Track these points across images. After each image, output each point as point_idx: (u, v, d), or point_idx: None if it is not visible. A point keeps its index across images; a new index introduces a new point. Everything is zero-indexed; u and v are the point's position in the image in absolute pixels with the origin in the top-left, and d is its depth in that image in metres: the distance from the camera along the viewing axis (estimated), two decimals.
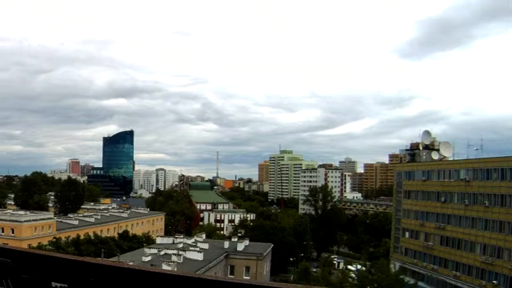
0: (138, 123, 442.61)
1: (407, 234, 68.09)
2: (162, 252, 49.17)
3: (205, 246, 55.07)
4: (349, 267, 69.55)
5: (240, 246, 57.19)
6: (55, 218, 75.57)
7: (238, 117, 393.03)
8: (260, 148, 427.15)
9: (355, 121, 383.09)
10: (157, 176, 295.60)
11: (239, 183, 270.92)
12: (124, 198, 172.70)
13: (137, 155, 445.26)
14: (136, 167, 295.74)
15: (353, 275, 58.92)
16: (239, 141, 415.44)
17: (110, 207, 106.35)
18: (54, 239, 61.21)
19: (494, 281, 50.05)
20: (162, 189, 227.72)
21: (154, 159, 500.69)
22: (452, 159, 66.18)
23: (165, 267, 38.46)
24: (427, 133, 72.10)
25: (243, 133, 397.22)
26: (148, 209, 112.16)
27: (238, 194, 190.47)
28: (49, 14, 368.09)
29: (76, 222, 75.36)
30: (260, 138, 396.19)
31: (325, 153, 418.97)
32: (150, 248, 53.60)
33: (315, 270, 69.74)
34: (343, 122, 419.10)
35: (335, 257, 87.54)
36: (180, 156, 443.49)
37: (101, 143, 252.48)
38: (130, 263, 26.72)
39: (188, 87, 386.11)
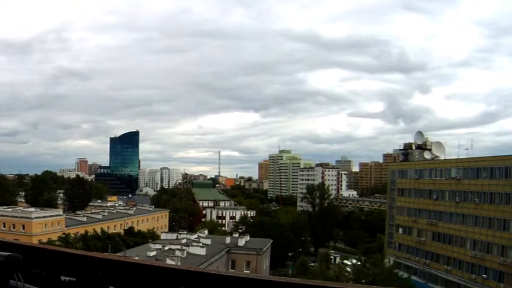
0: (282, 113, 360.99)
1: (400, 230, 68.09)
2: (166, 248, 49.22)
3: (208, 241, 55.06)
4: (345, 261, 69.43)
5: (241, 242, 57.21)
6: (64, 214, 75.66)
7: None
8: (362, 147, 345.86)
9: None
10: (161, 174, 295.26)
11: (240, 181, 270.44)
12: (130, 195, 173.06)
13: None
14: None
15: (349, 269, 58.84)
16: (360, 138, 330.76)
17: (117, 205, 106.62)
18: (63, 235, 61.23)
19: (484, 275, 50.06)
20: (167, 187, 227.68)
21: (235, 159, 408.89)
22: (443, 158, 66.20)
23: (169, 261, 38.43)
24: (419, 133, 72.18)
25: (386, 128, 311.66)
26: (153, 206, 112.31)
27: (239, 192, 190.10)
28: None
29: (84, 219, 75.38)
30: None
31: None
32: (154, 243, 53.65)
33: (312, 264, 69.67)
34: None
35: (332, 252, 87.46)
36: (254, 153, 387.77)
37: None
38: (136, 258, 26.70)
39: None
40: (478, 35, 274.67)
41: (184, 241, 54.16)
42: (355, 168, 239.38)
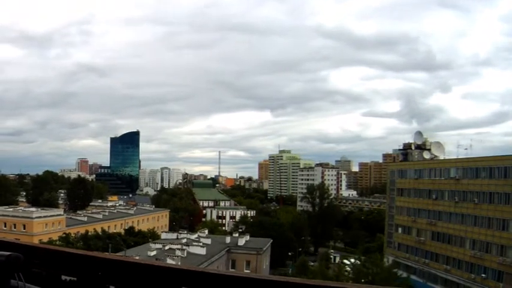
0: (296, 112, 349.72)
1: (400, 230, 68.08)
2: (166, 247, 49.22)
3: (208, 241, 55.04)
4: (345, 261, 69.46)
5: (241, 242, 57.20)
6: (65, 214, 75.68)
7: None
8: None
9: None
10: (162, 174, 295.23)
11: (240, 181, 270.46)
12: (130, 195, 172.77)
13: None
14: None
15: (348, 269, 58.86)
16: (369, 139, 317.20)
17: (117, 204, 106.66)
18: (64, 235, 61.24)
19: (483, 275, 50.05)
20: (167, 187, 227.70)
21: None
22: (443, 158, 66.19)
23: (169, 261, 38.43)
24: (419, 133, 72.20)
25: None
26: (153, 206, 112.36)
27: (239, 192, 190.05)
28: None
29: (85, 219, 75.40)
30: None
31: None
32: (155, 243, 53.65)
33: (312, 264, 69.68)
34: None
35: (331, 252, 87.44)
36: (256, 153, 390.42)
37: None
38: (137, 258, 26.70)
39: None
40: (502, 33, 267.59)
41: (184, 241, 54.14)
42: (355, 168, 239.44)
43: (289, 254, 79.11)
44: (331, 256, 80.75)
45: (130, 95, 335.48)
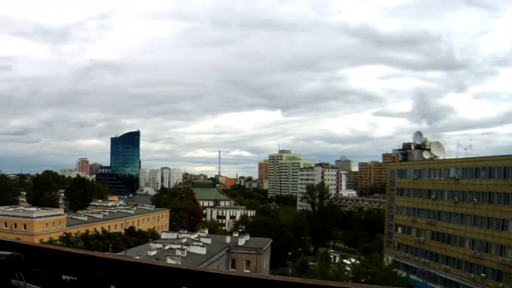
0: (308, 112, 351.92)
1: (399, 229, 68.08)
2: (166, 247, 49.23)
3: (208, 241, 55.05)
4: (345, 261, 69.42)
5: (241, 242, 57.21)
6: (65, 214, 75.68)
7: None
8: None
9: None
10: (162, 174, 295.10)
11: (240, 181, 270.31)
12: (131, 195, 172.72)
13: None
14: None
15: (348, 269, 58.84)
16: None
17: (117, 204, 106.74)
18: (65, 234, 61.27)
19: (483, 274, 50.05)
20: (167, 187, 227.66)
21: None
22: (442, 158, 66.20)
23: (169, 261, 38.42)
24: (418, 134, 72.24)
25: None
26: (153, 206, 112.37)
27: (239, 192, 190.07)
28: None
29: (85, 219, 75.43)
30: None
31: None
32: (155, 243, 53.65)
33: (312, 264, 69.66)
34: None
35: (331, 251, 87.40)
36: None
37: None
38: (137, 257, 26.70)
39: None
40: None
41: (184, 240, 54.14)
42: (355, 168, 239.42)
43: (289, 254, 79.05)
44: (331, 256, 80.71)
45: (141, 93, 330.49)
